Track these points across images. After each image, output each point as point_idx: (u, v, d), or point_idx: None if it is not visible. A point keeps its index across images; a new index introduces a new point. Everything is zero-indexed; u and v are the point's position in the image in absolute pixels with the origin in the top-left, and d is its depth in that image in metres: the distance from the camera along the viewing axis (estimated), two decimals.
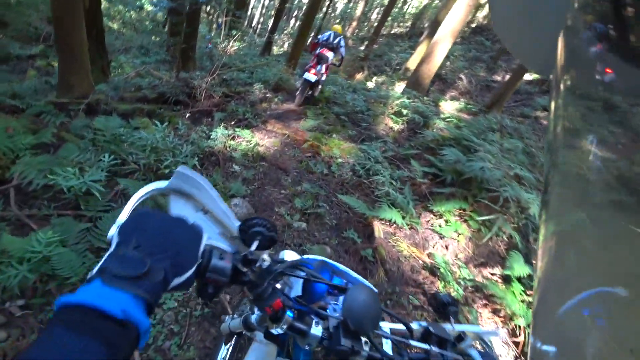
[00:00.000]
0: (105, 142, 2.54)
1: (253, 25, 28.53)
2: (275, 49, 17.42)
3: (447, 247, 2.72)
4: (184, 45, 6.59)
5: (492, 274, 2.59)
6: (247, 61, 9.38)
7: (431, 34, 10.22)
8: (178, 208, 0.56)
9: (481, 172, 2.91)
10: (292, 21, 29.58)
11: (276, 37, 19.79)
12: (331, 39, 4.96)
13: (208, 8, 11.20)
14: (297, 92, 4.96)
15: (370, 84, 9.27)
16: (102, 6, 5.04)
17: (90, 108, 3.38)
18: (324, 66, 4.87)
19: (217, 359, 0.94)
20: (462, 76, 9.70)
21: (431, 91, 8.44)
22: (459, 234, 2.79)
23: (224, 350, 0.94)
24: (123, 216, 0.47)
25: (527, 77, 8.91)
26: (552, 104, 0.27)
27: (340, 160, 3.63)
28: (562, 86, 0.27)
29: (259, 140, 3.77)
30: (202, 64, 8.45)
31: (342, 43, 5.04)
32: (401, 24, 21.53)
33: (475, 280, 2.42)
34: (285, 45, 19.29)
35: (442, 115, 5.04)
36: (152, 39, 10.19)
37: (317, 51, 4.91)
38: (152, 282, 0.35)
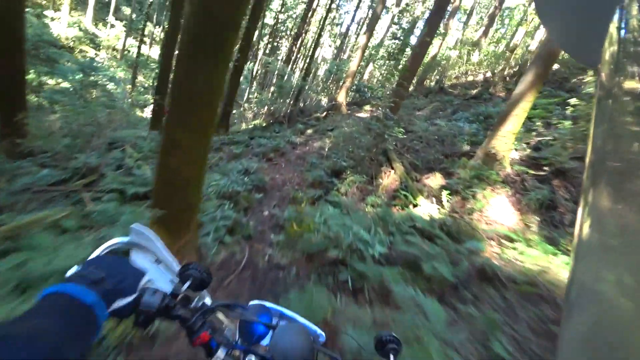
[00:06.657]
0: None
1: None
2: (244, 125, 12.41)
3: None
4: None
5: None
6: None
7: (541, 76, 4.93)
8: (139, 259, 0.66)
9: None
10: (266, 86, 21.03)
11: (243, 104, 14.56)
12: None
13: None
14: None
15: (420, 208, 3.75)
16: None
17: None
18: None
19: None
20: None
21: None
22: None
23: None
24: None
25: None
26: (597, 99, 0.25)
27: None
28: (610, 80, 0.25)
29: None
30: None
31: None
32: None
33: None
34: (252, 115, 14.19)
35: None
36: None
37: None
38: (105, 289, 0.48)
